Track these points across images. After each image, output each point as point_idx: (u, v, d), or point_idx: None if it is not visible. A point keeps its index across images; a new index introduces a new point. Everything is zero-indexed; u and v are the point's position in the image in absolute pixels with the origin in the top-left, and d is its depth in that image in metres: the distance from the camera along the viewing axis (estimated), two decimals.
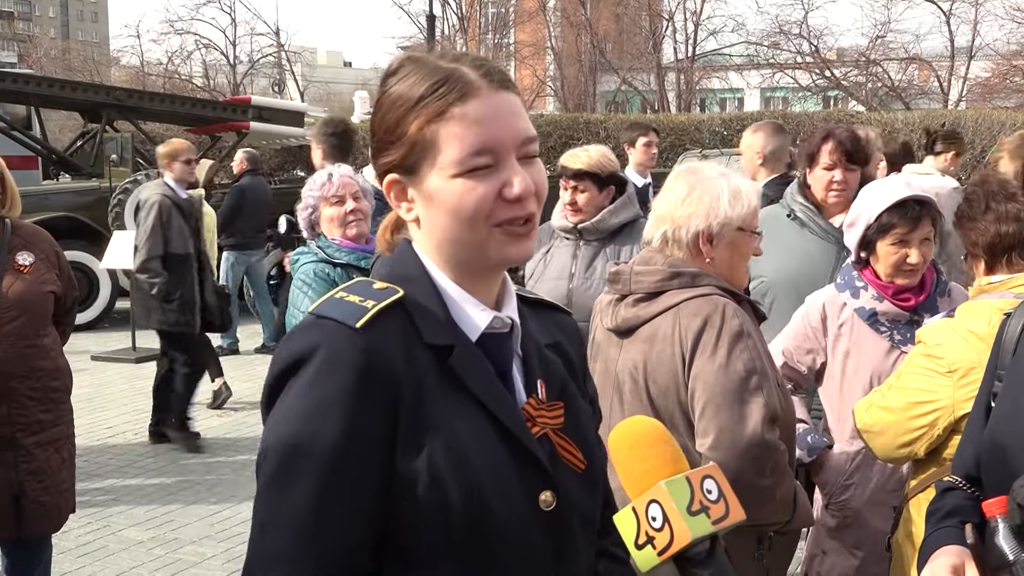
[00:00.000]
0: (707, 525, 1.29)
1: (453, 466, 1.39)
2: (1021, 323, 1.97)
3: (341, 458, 1.36)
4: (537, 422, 1.49)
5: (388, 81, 1.49)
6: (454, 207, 1.42)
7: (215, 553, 5.58)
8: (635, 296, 2.77)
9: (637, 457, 1.35)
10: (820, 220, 4.04)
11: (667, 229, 2.75)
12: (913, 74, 35.77)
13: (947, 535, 1.83)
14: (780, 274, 4.02)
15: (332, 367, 1.37)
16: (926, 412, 2.72)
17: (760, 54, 38.20)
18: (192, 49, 42.89)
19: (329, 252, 3.88)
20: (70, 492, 4.03)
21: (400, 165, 1.46)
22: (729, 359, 2.59)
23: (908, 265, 3.15)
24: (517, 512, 1.43)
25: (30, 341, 3.82)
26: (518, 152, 1.43)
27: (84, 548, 5.65)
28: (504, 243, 1.44)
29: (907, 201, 3.12)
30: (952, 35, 34.14)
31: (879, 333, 3.25)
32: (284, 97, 39.83)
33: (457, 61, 1.45)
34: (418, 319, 1.45)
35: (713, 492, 1.32)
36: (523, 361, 1.53)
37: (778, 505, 2.66)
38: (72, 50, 57.91)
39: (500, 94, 1.44)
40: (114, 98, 14.24)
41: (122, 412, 8.64)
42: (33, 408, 3.81)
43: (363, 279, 1.53)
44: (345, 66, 78.67)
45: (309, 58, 54.71)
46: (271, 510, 1.38)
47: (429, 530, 1.39)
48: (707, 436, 2.58)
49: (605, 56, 38.90)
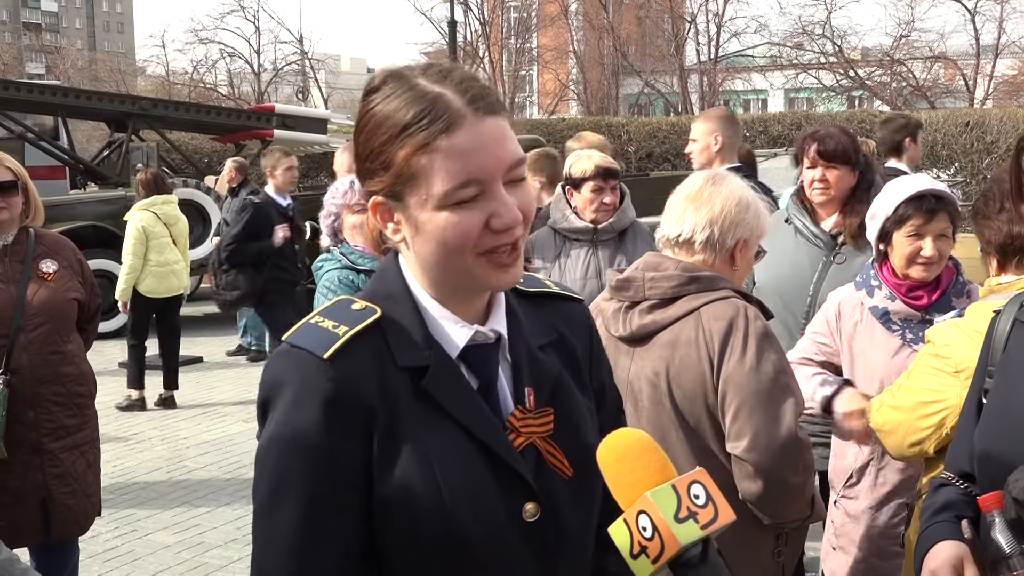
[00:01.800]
0: (696, 530, 1.31)
1: (426, 484, 1.43)
2: (1011, 320, 1.98)
3: (318, 487, 1.42)
4: (522, 432, 1.50)
5: (371, 98, 1.48)
6: (439, 238, 1.43)
7: (241, 556, 5.63)
8: (649, 302, 2.75)
9: (624, 469, 1.37)
10: (811, 225, 4.01)
11: (714, 232, 2.74)
12: (938, 73, 35.49)
13: (942, 530, 1.86)
14: (766, 279, 4.00)
15: (302, 398, 1.42)
16: (934, 412, 2.72)
17: (783, 55, 38.01)
18: (217, 58, 43.12)
19: (352, 259, 3.93)
20: (96, 496, 4.09)
21: (387, 192, 1.47)
22: (759, 360, 2.60)
23: (922, 257, 3.15)
24: (496, 526, 1.46)
25: (55, 347, 3.89)
26: (505, 177, 1.43)
27: (112, 552, 5.73)
28: (489, 271, 1.45)
29: (924, 194, 3.14)
30: (977, 33, 33.85)
31: (891, 332, 3.26)
32: (308, 104, 39.97)
33: (442, 83, 1.43)
34: (392, 341, 1.47)
35: (701, 497, 1.34)
36: (513, 368, 1.54)
37: (804, 502, 2.69)
38: (99, 61, 58.39)
39: (486, 120, 1.42)
40: (140, 108, 14.39)
41: (149, 418, 8.74)
42: (59, 413, 3.88)
43: (344, 297, 1.54)
44: (369, 72, 78.84)
45: (333, 65, 54.95)
46: (265, 532, 1.45)
47: (407, 547, 1.44)
48: (742, 438, 2.58)
49: (627, 59, 38.83)
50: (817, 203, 4.00)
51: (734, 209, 2.74)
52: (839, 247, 3.94)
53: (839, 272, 3.86)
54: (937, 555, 1.79)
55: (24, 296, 3.82)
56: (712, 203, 2.75)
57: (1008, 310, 2.02)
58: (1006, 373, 1.94)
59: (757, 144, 19.09)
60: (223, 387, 9.85)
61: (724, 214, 2.74)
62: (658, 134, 21.41)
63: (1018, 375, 1.90)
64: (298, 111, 17.29)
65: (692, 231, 2.76)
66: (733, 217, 2.74)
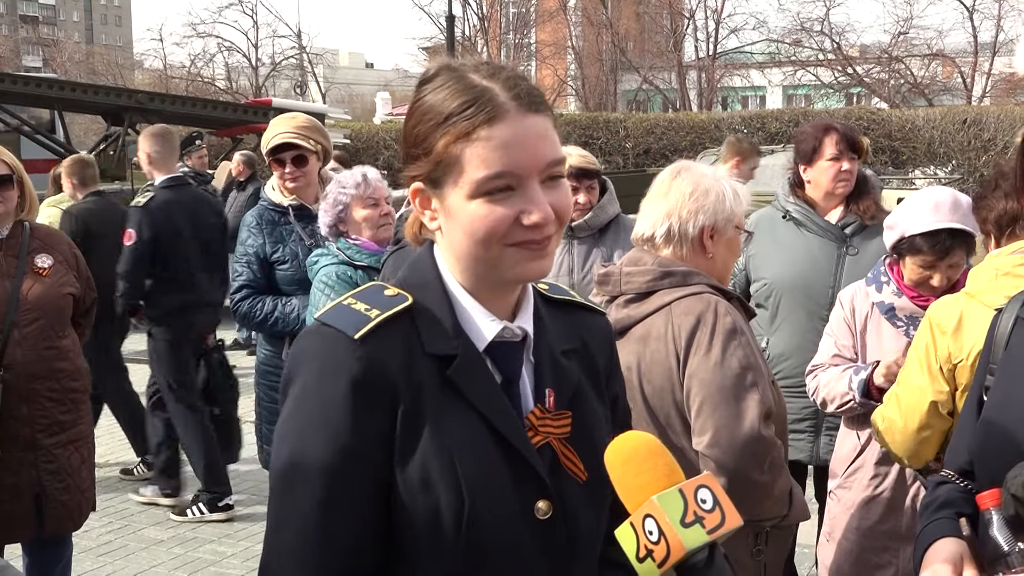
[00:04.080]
0: (702, 535, 1.31)
1: (444, 471, 1.44)
2: (1013, 318, 1.98)
3: (337, 466, 1.43)
4: (540, 431, 1.51)
5: (423, 88, 1.51)
6: (469, 228, 1.45)
7: (234, 552, 5.64)
8: (626, 297, 2.77)
9: (631, 472, 1.37)
10: (817, 219, 4.05)
11: (672, 225, 2.74)
12: (936, 70, 35.53)
13: (942, 527, 1.85)
14: (784, 275, 4.05)
15: (328, 374, 1.44)
16: (920, 421, 2.79)
17: (782, 51, 38.03)
18: (214, 52, 43.17)
19: (350, 254, 3.91)
20: (90, 491, 4.08)
21: (426, 178, 1.49)
22: (724, 356, 2.59)
23: (930, 286, 3.21)
24: (509, 519, 1.47)
25: (50, 343, 3.87)
26: (542, 175, 1.45)
27: (105, 547, 5.72)
28: (518, 260, 1.46)
29: (941, 232, 3.13)
30: (975, 30, 33.90)
31: (896, 327, 3.30)
32: (306, 99, 39.97)
33: (492, 78, 1.46)
34: (423, 328, 1.49)
35: (708, 501, 1.33)
36: (535, 369, 1.55)
37: (775, 500, 2.67)
38: (96, 54, 58.29)
39: (529, 118, 1.45)
40: (136, 101, 14.35)
41: None
42: (53, 409, 3.86)
43: (377, 283, 1.57)
44: (367, 67, 78.78)
45: (331, 59, 54.94)
46: (281, 513, 1.47)
47: (422, 532, 1.44)
48: (704, 434, 2.58)
49: (626, 55, 38.83)
50: (839, 193, 4.04)
51: (688, 198, 2.73)
52: (849, 239, 3.99)
53: (854, 264, 3.93)
54: (936, 553, 1.79)
55: (19, 291, 3.80)
56: (668, 196, 2.77)
57: (1010, 308, 2.02)
58: (1007, 371, 1.94)
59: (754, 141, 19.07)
60: None
61: (679, 205, 2.74)
62: (656, 130, 21.42)
63: (1019, 373, 1.90)
64: (295, 105, 17.23)
65: (652, 227, 2.78)
66: (689, 206, 2.73)
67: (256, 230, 4.50)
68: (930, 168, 19.42)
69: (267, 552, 1.49)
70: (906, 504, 3.19)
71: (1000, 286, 2.60)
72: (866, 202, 4.05)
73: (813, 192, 4.10)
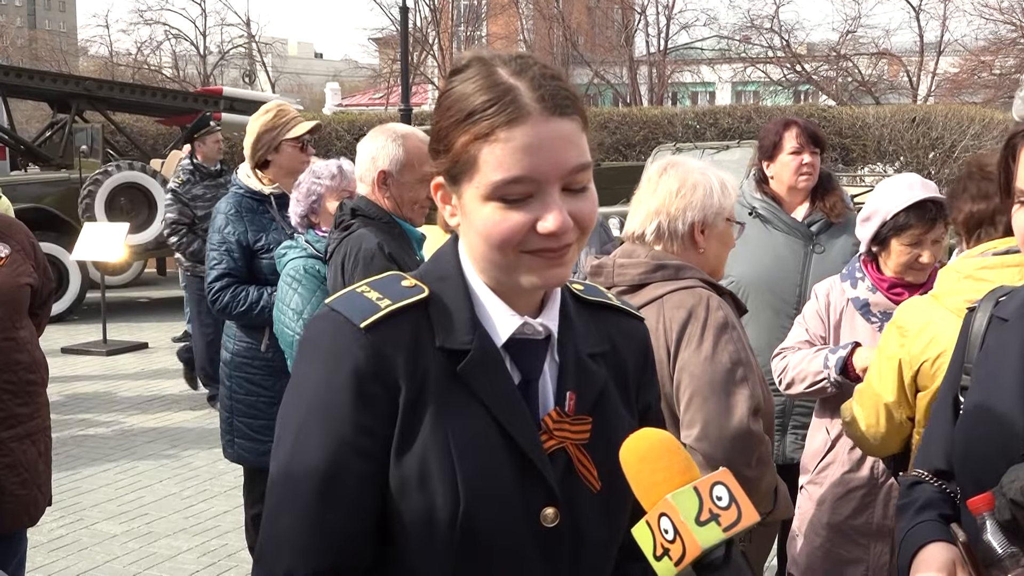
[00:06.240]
0: (717, 533, 1.29)
1: (442, 468, 1.40)
2: (987, 316, 1.97)
3: (335, 456, 1.41)
4: (555, 435, 1.47)
5: (452, 80, 1.46)
6: (484, 231, 1.41)
7: (190, 547, 5.55)
8: (618, 289, 2.75)
9: (647, 470, 1.34)
10: (784, 216, 4.07)
11: (661, 221, 2.74)
12: (883, 69, 36.02)
13: (928, 530, 1.83)
14: (750, 273, 4.03)
15: (331, 361, 1.42)
16: (882, 419, 2.81)
17: (732, 48, 38.32)
18: (162, 39, 42.51)
19: (318, 247, 3.83)
20: (47, 485, 3.98)
21: (446, 173, 1.46)
22: (715, 350, 2.59)
23: (919, 264, 3.23)
24: (511, 523, 1.43)
25: (7, 334, 3.76)
26: (563, 182, 1.39)
27: (57, 542, 5.61)
28: (533, 268, 1.41)
29: (925, 202, 3.17)
30: (921, 30, 34.39)
31: (870, 323, 3.32)
32: (255, 88, 39.55)
33: (519, 75, 1.40)
34: (437, 322, 1.45)
35: (724, 499, 1.31)
36: (559, 370, 1.51)
37: (762, 496, 2.67)
38: (39, 40, 57.33)
39: (552, 121, 1.38)
40: (84, 88, 14.16)
41: (94, 405, 8.58)
42: (10, 402, 3.75)
43: (395, 273, 1.54)
44: (316, 57, 78.23)
45: (280, 49, 54.35)
46: (280, 499, 1.44)
47: (416, 529, 1.41)
48: (693, 427, 2.58)
49: (577, 49, 38.89)
50: (801, 187, 4.05)
51: (675, 195, 2.73)
52: (816, 236, 4.01)
53: (821, 262, 3.93)
54: (928, 561, 1.76)
55: None
56: (657, 194, 2.77)
57: (984, 307, 2.00)
58: (985, 371, 1.92)
59: (707, 137, 19.19)
60: (169, 374, 9.67)
61: (666, 203, 2.74)
62: (609, 125, 21.43)
63: (997, 372, 1.88)
64: (246, 94, 17.10)
65: (642, 225, 2.78)
66: (677, 203, 2.73)
67: (235, 217, 4.40)
68: (879, 165, 19.65)
69: (263, 538, 1.46)
70: (879, 499, 3.21)
71: (961, 289, 2.63)
72: (832, 199, 4.07)
73: (776, 187, 4.11)
